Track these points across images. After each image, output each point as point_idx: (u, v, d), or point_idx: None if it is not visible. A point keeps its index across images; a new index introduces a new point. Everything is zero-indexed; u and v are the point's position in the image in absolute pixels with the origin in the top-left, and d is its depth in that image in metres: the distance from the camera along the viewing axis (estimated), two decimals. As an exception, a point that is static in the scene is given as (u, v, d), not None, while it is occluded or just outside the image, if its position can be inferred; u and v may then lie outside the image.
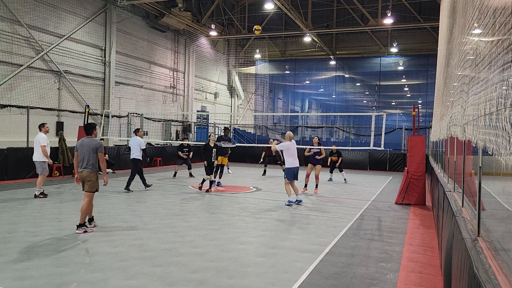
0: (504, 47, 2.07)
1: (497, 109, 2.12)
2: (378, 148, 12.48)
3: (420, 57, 26.25)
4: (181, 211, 8.93)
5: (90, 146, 6.95)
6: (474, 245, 2.80)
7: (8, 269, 4.90)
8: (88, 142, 7.00)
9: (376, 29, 24.56)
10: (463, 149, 4.68)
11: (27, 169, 13.42)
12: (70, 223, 7.43)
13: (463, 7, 4.70)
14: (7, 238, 6.27)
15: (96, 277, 4.72)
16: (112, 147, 17.84)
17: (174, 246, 6.13)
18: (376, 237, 7.13)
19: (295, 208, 9.69)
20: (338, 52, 28.18)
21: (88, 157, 6.92)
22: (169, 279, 4.76)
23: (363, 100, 38.26)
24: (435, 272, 5.35)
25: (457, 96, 4.77)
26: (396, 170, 21.03)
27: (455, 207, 4.41)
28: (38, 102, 15.67)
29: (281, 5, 20.17)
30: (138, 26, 21.33)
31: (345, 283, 4.78)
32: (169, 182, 14.06)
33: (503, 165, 2.19)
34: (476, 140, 2.87)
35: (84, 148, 6.95)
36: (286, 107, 37.20)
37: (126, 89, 20.46)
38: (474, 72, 3.29)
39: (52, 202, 9.47)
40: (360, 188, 13.77)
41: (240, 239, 6.66)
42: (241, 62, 29.56)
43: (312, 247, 6.26)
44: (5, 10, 14.44)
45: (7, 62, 14.63)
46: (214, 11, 26.04)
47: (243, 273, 5.02)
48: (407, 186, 10.86)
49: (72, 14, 17.19)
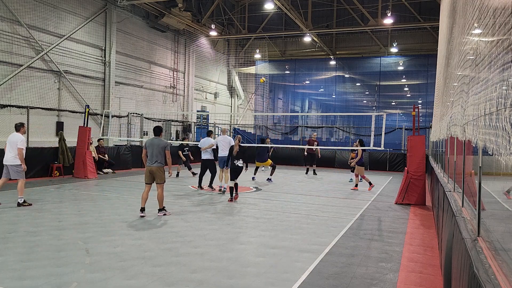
0: (504, 47, 2.07)
1: (497, 109, 2.12)
2: (378, 148, 12.48)
3: (420, 57, 26.24)
4: (181, 211, 8.93)
5: (160, 145, 8.26)
6: (474, 245, 2.80)
7: (8, 269, 4.90)
8: (157, 141, 8.33)
9: (376, 29, 24.55)
10: (463, 149, 4.67)
11: (27, 169, 13.40)
12: (70, 223, 7.43)
13: (463, 7, 4.70)
14: (7, 238, 6.27)
15: (96, 277, 4.72)
16: (112, 147, 17.84)
17: (174, 246, 6.13)
18: (376, 237, 7.13)
19: (295, 209, 9.69)
20: (338, 52, 28.17)
21: (157, 154, 8.23)
22: (169, 279, 4.76)
23: (363, 100, 38.26)
24: (435, 272, 5.34)
25: (457, 96, 4.78)
26: (396, 170, 21.03)
27: (455, 207, 4.41)
28: (38, 102, 15.66)
29: (281, 5, 20.17)
30: (138, 26, 21.32)
31: (345, 283, 4.78)
32: (169, 182, 14.04)
33: (503, 165, 2.19)
34: (476, 140, 2.87)
35: (154, 147, 8.24)
36: (286, 107, 37.19)
37: (126, 89, 20.46)
38: (474, 72, 3.29)
39: (52, 202, 9.47)
40: (360, 188, 13.77)
41: (240, 239, 6.66)
42: (241, 62, 29.54)
43: (312, 247, 6.26)
44: (5, 10, 14.44)
45: (7, 62, 14.63)
46: (214, 11, 26.03)
47: (243, 273, 5.02)
48: (407, 186, 10.86)
49: (72, 14, 17.19)
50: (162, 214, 8.35)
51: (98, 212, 8.53)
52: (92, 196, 10.54)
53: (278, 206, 9.96)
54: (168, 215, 8.30)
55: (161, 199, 8.42)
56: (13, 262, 5.17)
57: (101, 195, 10.74)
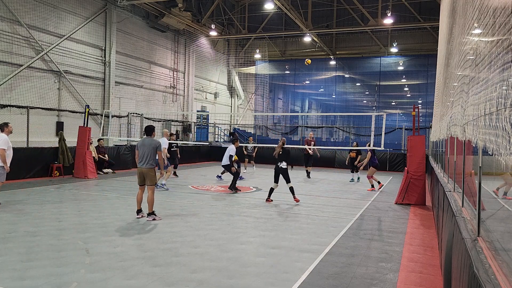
0: (504, 47, 2.07)
1: (497, 109, 2.12)
2: (378, 148, 12.49)
3: (420, 57, 26.23)
4: (181, 211, 8.93)
5: (151, 146, 7.89)
6: (474, 245, 2.80)
7: (8, 269, 4.90)
8: (148, 141, 7.96)
9: (376, 29, 24.55)
10: (463, 149, 4.67)
11: (27, 169, 13.44)
12: (70, 223, 7.43)
13: (463, 7, 4.70)
14: (7, 238, 6.27)
15: (96, 277, 4.72)
16: (112, 147, 17.84)
17: (174, 246, 6.13)
18: (376, 237, 7.13)
19: (295, 208, 9.69)
20: (338, 52, 28.16)
21: (148, 154, 7.85)
22: (169, 279, 4.76)
23: (363, 100, 38.27)
24: (435, 272, 5.34)
25: (457, 96, 4.78)
26: (396, 170, 21.02)
27: (455, 207, 4.41)
28: (38, 102, 15.66)
29: (281, 5, 20.17)
30: (138, 26, 21.32)
31: (345, 283, 4.78)
32: (169, 181, 14.05)
33: (503, 165, 2.19)
34: (476, 140, 2.87)
35: (145, 147, 7.87)
36: (286, 107, 37.20)
37: (126, 89, 20.46)
38: (474, 72, 3.29)
39: (52, 202, 9.47)
40: (360, 188, 13.77)
41: (240, 239, 6.66)
42: (241, 62, 29.54)
43: (312, 247, 6.26)
44: (5, 10, 14.43)
45: (7, 62, 14.63)
46: (214, 11, 26.03)
47: (243, 273, 5.02)
48: (407, 186, 10.86)
49: (72, 14, 17.19)
50: (151, 219, 7.77)
51: (98, 212, 8.52)
52: (92, 196, 10.54)
53: (278, 206, 9.96)
54: (158, 220, 7.77)
55: (151, 202, 7.85)
56: (13, 262, 5.17)
57: (101, 195, 10.74)
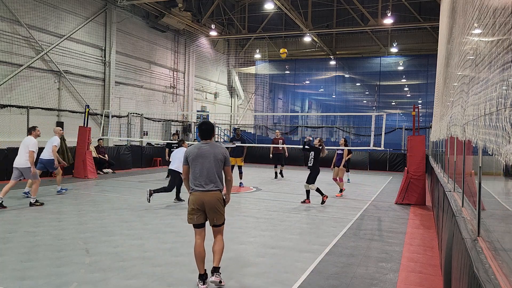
0: (504, 47, 2.07)
1: (497, 109, 2.12)
2: (378, 148, 12.49)
3: (420, 57, 26.23)
4: (181, 211, 8.93)
5: (216, 157, 4.67)
6: (474, 245, 2.80)
7: (8, 269, 4.90)
8: (209, 150, 4.68)
9: (376, 29, 24.54)
10: (463, 149, 4.67)
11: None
12: (70, 223, 7.43)
13: (463, 7, 4.70)
14: (7, 238, 6.27)
15: (96, 277, 4.72)
16: (112, 147, 17.85)
17: (174, 246, 6.13)
18: (376, 237, 7.13)
19: (295, 209, 9.69)
20: (338, 52, 28.16)
21: (212, 172, 4.64)
22: (169, 279, 4.76)
23: (363, 100, 38.27)
24: (435, 272, 5.34)
25: (457, 96, 4.77)
26: (396, 170, 21.03)
27: (455, 207, 4.41)
28: (38, 102, 15.66)
29: (281, 5, 20.16)
30: (138, 26, 21.32)
31: (345, 283, 4.78)
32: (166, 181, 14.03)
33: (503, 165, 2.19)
34: (476, 140, 2.86)
35: (205, 160, 4.65)
36: (286, 107, 37.20)
37: (126, 89, 20.46)
38: (474, 72, 3.29)
39: (52, 202, 9.47)
40: (360, 188, 13.77)
41: (240, 239, 6.66)
42: (241, 62, 29.53)
43: (312, 247, 6.26)
44: (5, 10, 14.43)
45: (7, 62, 14.62)
46: (214, 11, 26.03)
47: (243, 273, 5.02)
48: (407, 186, 10.86)
49: (72, 14, 17.18)
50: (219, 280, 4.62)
51: (98, 212, 8.52)
52: (92, 196, 10.54)
53: (278, 206, 9.96)
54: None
55: (221, 252, 4.76)
56: (13, 262, 5.17)
57: (101, 195, 10.74)
